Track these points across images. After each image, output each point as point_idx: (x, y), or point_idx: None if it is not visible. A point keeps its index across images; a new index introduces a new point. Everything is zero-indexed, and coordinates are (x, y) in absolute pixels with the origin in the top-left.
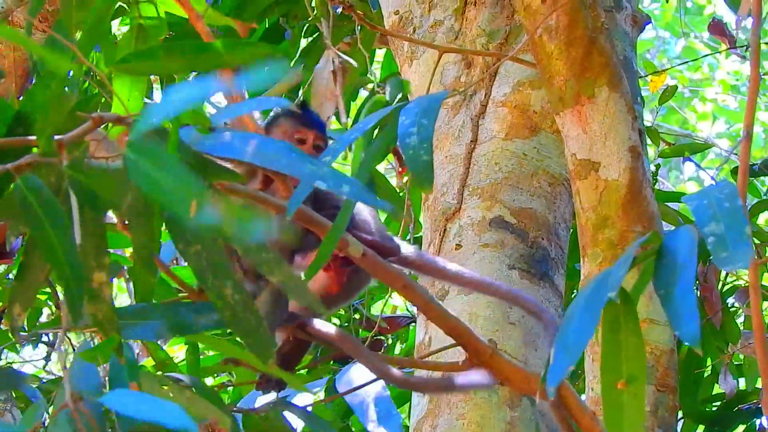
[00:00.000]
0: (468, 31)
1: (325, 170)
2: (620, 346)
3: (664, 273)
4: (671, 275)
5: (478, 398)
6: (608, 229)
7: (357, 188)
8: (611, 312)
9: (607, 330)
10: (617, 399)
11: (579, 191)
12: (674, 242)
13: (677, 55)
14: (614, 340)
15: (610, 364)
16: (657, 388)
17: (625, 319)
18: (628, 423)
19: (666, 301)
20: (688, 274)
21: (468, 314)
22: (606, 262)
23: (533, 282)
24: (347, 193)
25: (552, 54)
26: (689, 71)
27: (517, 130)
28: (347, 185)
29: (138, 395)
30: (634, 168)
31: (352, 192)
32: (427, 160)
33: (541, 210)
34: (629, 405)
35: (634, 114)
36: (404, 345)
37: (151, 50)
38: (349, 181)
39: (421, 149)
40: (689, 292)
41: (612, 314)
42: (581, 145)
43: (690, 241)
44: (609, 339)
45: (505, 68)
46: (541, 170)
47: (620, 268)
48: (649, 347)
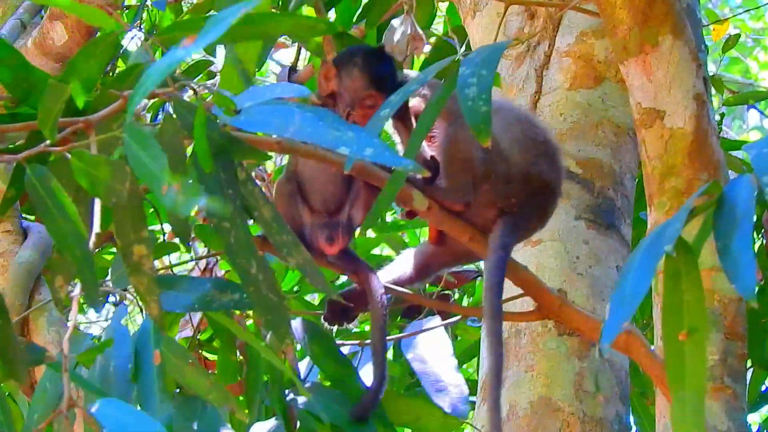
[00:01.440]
0: None
1: (350, 135)
2: (681, 297)
3: (723, 224)
4: (729, 227)
5: (547, 349)
6: (674, 178)
7: (380, 150)
8: (672, 263)
9: (668, 281)
10: (679, 350)
11: (644, 140)
12: (734, 192)
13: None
14: (675, 292)
15: (672, 316)
16: (726, 336)
17: (686, 270)
18: (690, 373)
19: (723, 254)
20: (745, 226)
21: (535, 265)
22: (673, 211)
23: (600, 232)
24: (370, 155)
25: (615, 3)
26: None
27: (581, 80)
28: (371, 148)
29: (127, 409)
30: (699, 116)
31: (376, 154)
32: (485, 111)
33: (607, 160)
34: (690, 356)
35: (698, 62)
36: (471, 299)
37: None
38: (373, 144)
39: (480, 100)
40: (746, 244)
41: (673, 265)
42: (646, 94)
43: (749, 191)
44: (670, 290)
45: (569, 18)
46: (605, 120)
47: (677, 220)
48: (717, 295)
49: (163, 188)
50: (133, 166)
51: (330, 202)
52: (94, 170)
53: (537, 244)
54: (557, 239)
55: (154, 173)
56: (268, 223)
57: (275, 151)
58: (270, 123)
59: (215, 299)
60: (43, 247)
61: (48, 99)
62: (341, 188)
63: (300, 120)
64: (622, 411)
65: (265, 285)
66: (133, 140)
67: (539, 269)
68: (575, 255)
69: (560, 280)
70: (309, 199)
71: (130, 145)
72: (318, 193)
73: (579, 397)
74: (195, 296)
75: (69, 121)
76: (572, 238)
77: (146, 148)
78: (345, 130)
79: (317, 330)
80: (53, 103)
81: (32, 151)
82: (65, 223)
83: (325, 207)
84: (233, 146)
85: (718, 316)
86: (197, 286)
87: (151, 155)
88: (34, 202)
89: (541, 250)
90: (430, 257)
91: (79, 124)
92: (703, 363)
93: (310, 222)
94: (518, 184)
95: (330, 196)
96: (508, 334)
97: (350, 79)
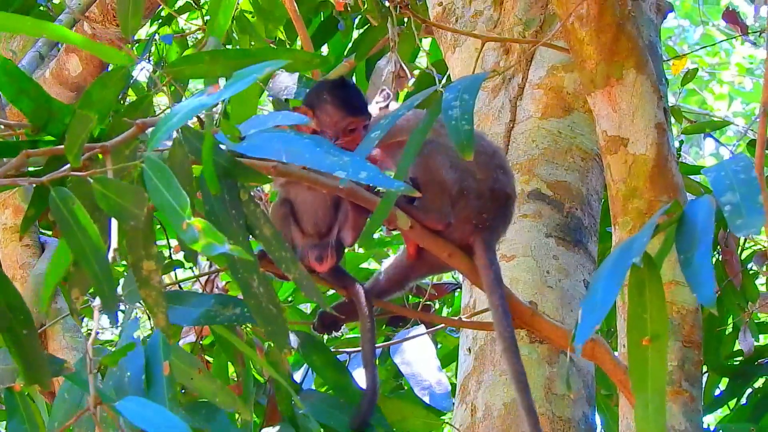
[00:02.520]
0: (506, 20)
1: (345, 160)
2: (645, 306)
3: (685, 239)
4: (691, 241)
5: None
6: (637, 199)
7: (374, 173)
8: (637, 275)
9: (633, 292)
10: (642, 355)
11: (610, 165)
12: (694, 211)
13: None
14: (639, 301)
15: (636, 323)
16: (684, 344)
17: (649, 281)
18: (653, 376)
19: (685, 266)
20: (705, 240)
21: (509, 278)
22: (635, 230)
23: (568, 248)
24: (365, 179)
25: (583, 40)
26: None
27: (552, 110)
28: (365, 171)
29: (151, 406)
30: (660, 143)
31: (370, 177)
32: (468, 129)
33: (575, 183)
34: (653, 360)
35: (659, 94)
36: (450, 309)
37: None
38: (367, 168)
39: (463, 119)
40: (706, 257)
41: (637, 277)
42: (611, 123)
43: (708, 210)
44: (635, 300)
45: (540, 54)
46: (574, 146)
47: (643, 235)
48: (675, 306)
49: (183, 224)
50: (152, 197)
51: (320, 225)
52: (114, 195)
53: (511, 259)
54: (529, 255)
55: (175, 209)
56: (268, 240)
57: (271, 174)
58: (272, 149)
59: (218, 314)
60: None
61: (75, 127)
62: (330, 212)
63: (300, 147)
64: (588, 411)
65: (265, 298)
66: (153, 172)
67: (513, 283)
68: (546, 269)
69: (532, 293)
70: (301, 222)
71: (150, 177)
72: (309, 217)
73: (549, 399)
74: (200, 311)
75: (87, 146)
76: (543, 254)
77: (167, 183)
78: (341, 155)
79: (315, 341)
80: (79, 132)
81: (56, 174)
82: (85, 240)
83: (315, 229)
84: (237, 170)
85: (676, 326)
86: (202, 301)
87: (171, 190)
88: (56, 220)
89: (514, 265)
90: (408, 269)
91: (97, 150)
92: (664, 367)
93: (302, 243)
94: (487, 199)
95: (320, 219)
96: (484, 341)
97: (326, 114)
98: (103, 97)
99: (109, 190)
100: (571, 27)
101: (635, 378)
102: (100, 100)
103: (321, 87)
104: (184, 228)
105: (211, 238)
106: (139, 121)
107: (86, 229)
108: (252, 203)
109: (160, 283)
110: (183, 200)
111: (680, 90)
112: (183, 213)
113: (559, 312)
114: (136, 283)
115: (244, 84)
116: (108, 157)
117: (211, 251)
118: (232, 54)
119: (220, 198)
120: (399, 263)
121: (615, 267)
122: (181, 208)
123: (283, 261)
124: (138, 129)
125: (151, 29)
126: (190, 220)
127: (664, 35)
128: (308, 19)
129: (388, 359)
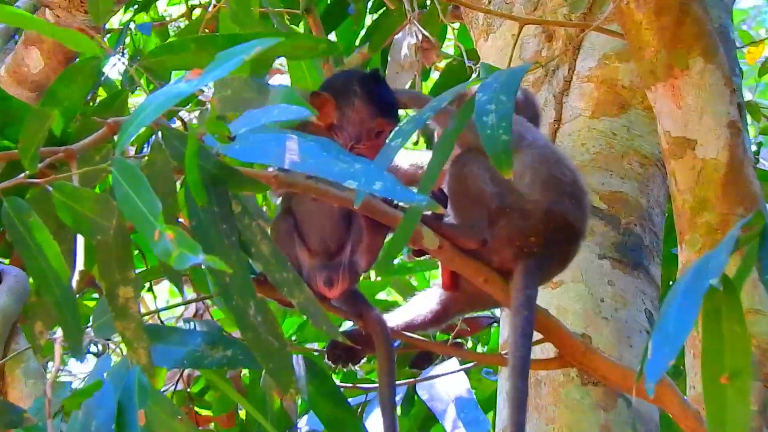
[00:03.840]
0: (548, 0)
1: (357, 167)
2: (722, 337)
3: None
4: None
5: (570, 400)
6: (707, 213)
7: (391, 184)
8: (712, 301)
9: (708, 320)
10: (720, 394)
11: (674, 172)
12: None
13: None
14: (716, 331)
15: (712, 357)
16: (765, 384)
17: (727, 308)
18: (732, 420)
19: None
20: None
21: (556, 308)
22: (705, 249)
23: (626, 272)
24: (380, 190)
25: (641, 23)
26: None
27: (604, 107)
28: (380, 182)
29: None
30: (733, 145)
31: (386, 189)
32: (506, 140)
33: (633, 193)
34: (733, 401)
35: (732, 87)
36: (485, 348)
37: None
38: (383, 177)
39: (500, 128)
40: None
41: (713, 303)
42: (675, 122)
43: None
44: (710, 330)
45: (590, 40)
46: (631, 150)
47: (722, 252)
48: (755, 340)
49: (155, 233)
50: (121, 204)
51: (329, 242)
52: (77, 205)
53: (558, 285)
54: (580, 280)
55: (146, 217)
56: (266, 259)
57: (271, 185)
58: (268, 153)
59: (206, 355)
60: (20, 292)
61: (29, 128)
62: (340, 227)
63: (302, 150)
64: None
65: (264, 328)
66: (122, 177)
67: (561, 312)
68: (599, 297)
69: (584, 325)
70: (306, 239)
71: (119, 182)
72: (315, 233)
73: None
74: (185, 351)
75: (49, 150)
76: (596, 278)
77: (137, 188)
78: (352, 162)
79: (315, 368)
80: (35, 132)
81: (9, 183)
82: (46, 262)
83: (323, 248)
84: (228, 177)
85: (756, 363)
86: (187, 339)
87: (142, 196)
88: (11, 239)
89: (562, 292)
90: (442, 303)
91: (60, 154)
92: (747, 409)
93: (309, 264)
94: (538, 221)
95: (328, 235)
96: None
97: (353, 110)
98: (70, 94)
99: (72, 198)
100: (626, 8)
101: (712, 422)
102: (66, 98)
103: (350, 76)
104: (156, 239)
105: (184, 248)
106: (111, 121)
107: (45, 249)
108: (246, 216)
109: (139, 313)
110: (154, 205)
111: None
112: (155, 221)
113: (616, 347)
114: (110, 314)
115: (229, 67)
116: (74, 163)
117: (184, 263)
118: (222, 41)
119: (208, 210)
120: (431, 295)
121: (689, 290)
122: (153, 216)
123: (285, 284)
124: (110, 130)
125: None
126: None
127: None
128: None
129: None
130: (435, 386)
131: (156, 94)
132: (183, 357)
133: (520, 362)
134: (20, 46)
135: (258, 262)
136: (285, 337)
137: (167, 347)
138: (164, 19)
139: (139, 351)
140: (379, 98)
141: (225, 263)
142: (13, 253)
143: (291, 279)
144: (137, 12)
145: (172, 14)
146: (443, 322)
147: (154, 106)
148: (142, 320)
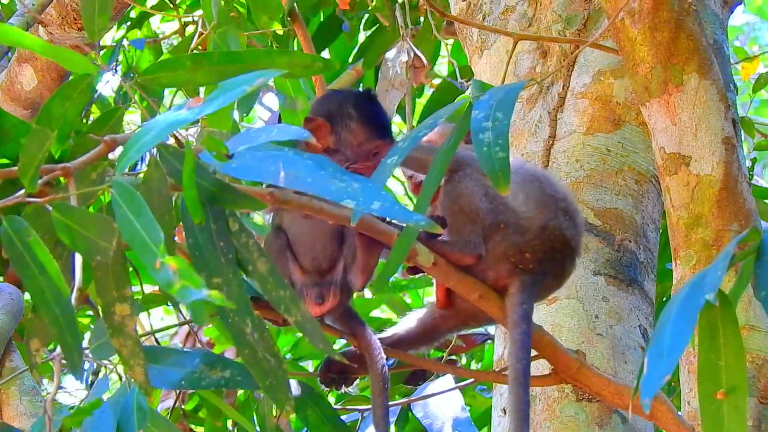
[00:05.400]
0: (543, 17)
1: (355, 186)
2: (719, 353)
3: (765, 274)
4: None
5: (565, 416)
6: (702, 229)
7: (389, 204)
8: (708, 316)
9: (704, 336)
10: (716, 411)
11: (669, 188)
12: None
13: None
14: (712, 347)
15: (709, 373)
16: (759, 400)
17: (723, 323)
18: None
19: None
20: None
21: (551, 324)
22: (700, 265)
23: (621, 288)
24: (378, 210)
25: (636, 39)
26: None
27: (599, 123)
28: (378, 201)
29: None
30: (728, 161)
31: (383, 209)
32: (503, 158)
33: (628, 210)
34: (730, 417)
35: (726, 103)
36: (480, 365)
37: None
38: (381, 197)
39: (497, 145)
40: None
41: (709, 319)
42: (670, 138)
43: None
44: (706, 346)
45: (585, 56)
46: (626, 166)
47: (718, 267)
48: (749, 356)
49: (156, 263)
50: (121, 228)
51: (320, 260)
52: (77, 225)
53: (553, 302)
54: (574, 297)
55: (147, 245)
56: (263, 277)
57: (267, 203)
58: (267, 171)
59: (204, 376)
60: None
61: (29, 147)
62: (332, 245)
63: (299, 169)
64: None
65: (261, 346)
66: (122, 200)
67: (555, 329)
68: (594, 313)
69: (578, 341)
70: (298, 256)
71: (119, 205)
72: (307, 250)
73: None
74: (182, 372)
75: (46, 168)
76: (591, 295)
77: (137, 212)
78: (350, 181)
79: (312, 393)
80: (35, 152)
81: (9, 201)
82: (46, 280)
83: (315, 265)
84: (225, 194)
85: (751, 379)
86: (185, 359)
87: (143, 222)
88: (10, 257)
89: (557, 309)
90: (437, 320)
91: (57, 172)
92: (743, 425)
93: (301, 281)
94: (534, 236)
95: (320, 253)
96: None
97: (349, 132)
98: (64, 111)
99: (71, 219)
100: (621, 24)
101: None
102: (61, 116)
103: (344, 97)
104: (157, 267)
105: (186, 281)
106: (108, 138)
107: (45, 267)
108: (244, 234)
109: (135, 331)
110: (156, 234)
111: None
112: (156, 250)
113: (611, 364)
114: (107, 332)
115: (231, 97)
116: (71, 181)
117: (186, 297)
118: (218, 58)
119: (205, 228)
120: (425, 313)
121: (685, 306)
122: (154, 244)
123: (282, 302)
124: (106, 147)
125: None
126: (164, 258)
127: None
128: (306, 19)
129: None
130: (429, 403)
131: (157, 119)
132: (181, 378)
133: (521, 374)
134: (14, 63)
135: (255, 280)
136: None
137: (164, 368)
138: (157, 36)
139: (136, 369)
140: (375, 120)
141: (222, 281)
142: (8, 271)
143: (288, 297)
144: (130, 29)
145: (165, 31)
146: (437, 339)
147: (156, 132)
148: (138, 338)
